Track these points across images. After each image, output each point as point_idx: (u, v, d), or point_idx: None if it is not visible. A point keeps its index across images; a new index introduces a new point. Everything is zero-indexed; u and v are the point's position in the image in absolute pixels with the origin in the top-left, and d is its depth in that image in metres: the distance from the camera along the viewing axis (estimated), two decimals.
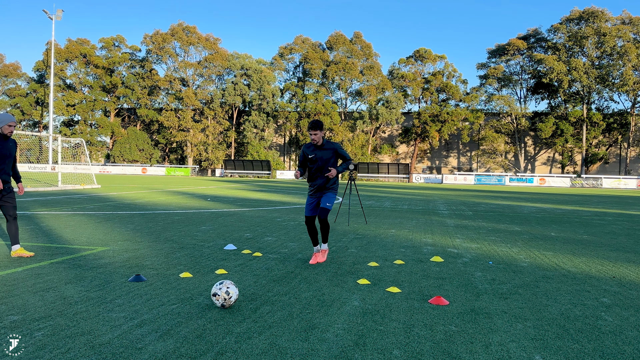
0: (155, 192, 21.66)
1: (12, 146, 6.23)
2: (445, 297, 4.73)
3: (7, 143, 6.13)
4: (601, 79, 61.20)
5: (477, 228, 10.64)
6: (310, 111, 65.65)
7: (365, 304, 4.42)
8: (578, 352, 3.38)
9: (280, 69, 71.50)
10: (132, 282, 5.03)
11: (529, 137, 70.73)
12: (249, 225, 10.18)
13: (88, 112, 72.21)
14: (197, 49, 70.64)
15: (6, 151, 6.11)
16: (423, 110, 66.29)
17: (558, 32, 64.12)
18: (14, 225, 6.24)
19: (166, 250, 6.98)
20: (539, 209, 16.77)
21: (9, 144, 6.15)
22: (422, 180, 59.74)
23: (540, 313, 4.27)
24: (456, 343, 3.50)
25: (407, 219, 12.25)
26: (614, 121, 64.24)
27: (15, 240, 6.25)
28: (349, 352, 3.27)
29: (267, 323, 3.83)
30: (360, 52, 67.72)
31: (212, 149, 69.38)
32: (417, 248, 7.68)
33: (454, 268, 6.16)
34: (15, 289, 4.69)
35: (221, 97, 68.88)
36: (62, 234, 8.30)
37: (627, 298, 4.85)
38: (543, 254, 7.38)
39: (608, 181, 54.33)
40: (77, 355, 3.12)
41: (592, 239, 9.26)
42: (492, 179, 57.36)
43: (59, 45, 70.16)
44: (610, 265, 6.55)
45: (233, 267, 5.89)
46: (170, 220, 10.75)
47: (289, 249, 7.34)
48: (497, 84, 67.91)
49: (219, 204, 15.86)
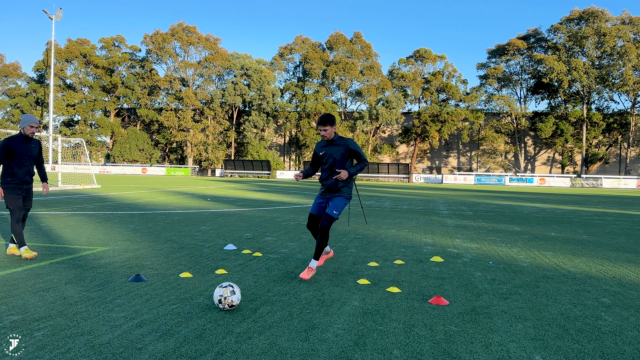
0: (155, 192, 21.66)
1: (35, 147, 6.34)
2: (445, 297, 4.73)
3: (29, 144, 6.23)
4: (601, 79, 61.19)
5: (477, 228, 10.63)
6: (310, 111, 65.64)
7: (365, 304, 4.42)
8: (578, 352, 3.38)
9: (280, 69, 71.50)
10: (132, 282, 5.03)
11: (529, 137, 70.73)
12: (249, 225, 10.17)
13: (88, 112, 72.19)
14: (197, 49, 70.65)
15: (28, 152, 6.21)
16: (423, 110, 66.28)
17: (558, 32, 64.12)
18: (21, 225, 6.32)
19: (166, 250, 6.98)
20: (539, 209, 16.77)
21: (31, 144, 6.26)
22: (422, 180, 59.74)
23: (540, 313, 4.26)
24: (456, 343, 3.50)
25: (407, 219, 12.25)
26: (614, 121, 64.23)
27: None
28: (349, 352, 3.27)
29: (267, 323, 3.83)
30: (360, 52, 67.71)
31: (212, 149, 69.37)
32: (417, 248, 7.68)
33: (454, 268, 6.16)
34: (15, 289, 4.69)
35: (221, 97, 68.88)
36: (62, 234, 8.30)
37: (627, 298, 4.85)
38: (543, 254, 7.38)
39: (608, 181, 54.32)
40: (77, 355, 3.12)
41: (592, 239, 9.26)
42: (492, 179, 57.36)
43: (59, 45, 70.17)
44: (610, 265, 6.55)
45: (233, 267, 5.89)
46: (170, 220, 10.75)
47: (289, 249, 7.34)
48: (497, 84, 67.91)
49: (219, 204, 15.86)
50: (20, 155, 6.12)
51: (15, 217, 6.12)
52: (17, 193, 6.16)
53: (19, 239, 6.14)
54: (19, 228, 6.14)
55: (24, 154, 6.15)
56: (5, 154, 6.04)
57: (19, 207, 6.16)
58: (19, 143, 6.12)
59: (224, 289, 4.12)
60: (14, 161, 6.10)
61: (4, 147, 6.02)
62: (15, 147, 6.08)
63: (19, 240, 6.14)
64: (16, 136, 6.19)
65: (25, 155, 6.17)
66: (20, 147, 6.12)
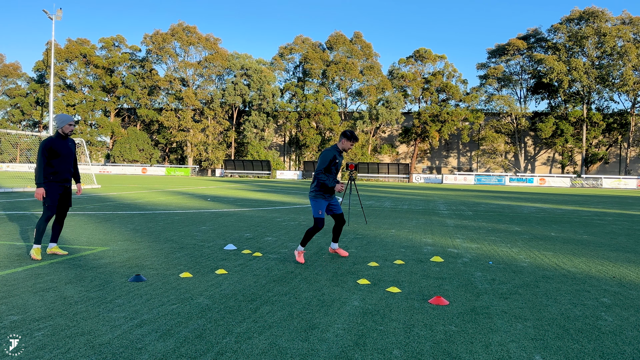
0: (155, 192, 21.66)
1: (72, 145, 6.45)
2: (445, 297, 4.73)
3: (67, 142, 6.34)
4: (601, 79, 61.19)
5: (477, 228, 10.63)
6: (310, 111, 65.65)
7: (365, 304, 4.42)
8: (578, 352, 3.38)
9: (280, 69, 71.50)
10: (132, 282, 5.03)
11: (529, 137, 70.73)
12: (249, 225, 10.17)
13: (88, 112, 72.20)
14: (197, 49, 70.65)
15: (67, 150, 6.32)
16: (423, 110, 66.27)
17: (558, 32, 64.12)
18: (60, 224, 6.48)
19: (166, 250, 6.98)
20: (539, 209, 16.77)
21: (68, 143, 6.37)
22: (422, 180, 59.74)
23: (540, 313, 4.26)
24: (456, 343, 3.49)
25: (407, 219, 12.25)
26: (614, 121, 64.23)
27: (54, 238, 6.46)
28: (349, 352, 3.27)
29: (267, 323, 3.83)
30: (360, 52, 67.71)
31: (212, 149, 69.37)
32: (417, 248, 7.67)
33: (454, 268, 6.15)
34: (15, 289, 4.69)
35: (221, 97, 68.88)
36: (62, 233, 8.30)
37: (627, 298, 4.85)
38: (543, 254, 7.38)
39: (608, 181, 54.32)
40: (77, 355, 3.12)
41: (592, 239, 9.26)
42: (492, 179, 57.35)
43: (59, 45, 70.18)
44: (610, 265, 6.55)
45: (233, 267, 5.89)
46: (170, 220, 10.75)
47: (289, 249, 7.34)
48: (497, 84, 67.91)
49: (219, 204, 15.86)
50: (61, 155, 6.25)
51: (45, 215, 6.18)
52: (56, 191, 6.24)
53: (38, 236, 6.20)
54: (44, 226, 6.18)
55: (64, 152, 6.28)
56: (48, 154, 6.16)
57: (54, 206, 6.23)
58: (58, 143, 6.24)
59: None
60: (56, 160, 6.22)
61: (47, 148, 6.13)
62: (56, 147, 6.20)
63: (38, 237, 6.19)
64: (54, 136, 6.29)
65: (65, 154, 6.30)
66: (60, 146, 6.25)
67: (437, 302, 4.48)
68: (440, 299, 4.50)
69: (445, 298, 4.66)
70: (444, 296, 4.75)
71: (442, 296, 4.72)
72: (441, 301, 4.48)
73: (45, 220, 6.18)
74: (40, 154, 6.12)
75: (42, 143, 6.17)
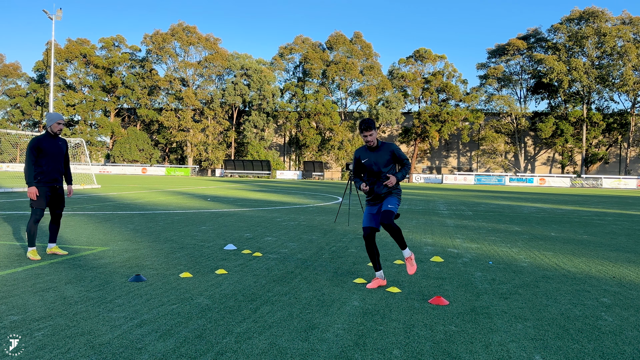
0: (155, 192, 21.66)
1: (63, 144, 6.36)
2: (445, 297, 4.73)
3: (56, 141, 6.26)
4: (601, 79, 61.19)
5: (477, 228, 10.63)
6: (310, 111, 65.65)
7: (365, 304, 4.42)
8: (578, 352, 3.37)
9: (280, 69, 71.50)
10: (132, 282, 5.03)
11: (529, 137, 70.72)
12: (249, 225, 10.17)
13: (88, 112, 72.19)
14: (197, 49, 70.65)
15: (56, 149, 6.24)
16: (423, 110, 66.28)
17: (558, 32, 64.13)
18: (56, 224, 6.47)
19: (166, 250, 6.98)
20: (539, 209, 16.77)
21: (58, 142, 6.28)
22: (422, 180, 59.73)
23: (540, 313, 4.26)
24: (456, 343, 3.49)
25: (407, 219, 12.25)
26: (614, 121, 64.23)
27: (53, 238, 6.46)
28: (349, 352, 3.27)
29: (267, 323, 3.83)
30: (360, 52, 67.71)
31: (212, 149, 69.36)
32: (417, 248, 7.67)
33: (454, 268, 6.15)
34: (15, 289, 4.69)
35: (221, 97, 68.87)
36: (62, 234, 8.30)
37: (627, 298, 4.85)
38: (543, 254, 7.38)
39: (608, 181, 54.32)
40: (77, 355, 3.12)
41: (592, 239, 9.26)
42: (492, 179, 57.36)
43: (59, 45, 70.17)
44: (610, 265, 6.55)
45: (233, 267, 5.89)
46: (170, 220, 10.75)
47: (289, 249, 7.34)
48: (497, 84, 67.91)
49: (219, 204, 15.86)
50: (49, 154, 6.16)
51: (34, 218, 6.13)
52: (44, 193, 6.16)
53: (31, 239, 6.16)
54: (34, 229, 6.14)
55: (53, 151, 6.18)
56: (36, 153, 6.08)
57: (42, 208, 6.17)
58: (47, 141, 6.16)
59: None
60: (44, 160, 6.13)
61: (34, 147, 6.06)
62: (44, 146, 6.12)
63: (31, 240, 6.16)
64: (43, 135, 6.22)
65: (54, 153, 6.20)
66: (48, 145, 6.16)
67: (437, 302, 4.48)
68: (440, 299, 4.50)
69: (445, 298, 4.66)
70: (444, 296, 4.75)
71: (442, 296, 4.72)
72: (441, 301, 4.48)
73: (35, 222, 6.13)
74: (28, 152, 6.03)
75: (30, 142, 6.09)
